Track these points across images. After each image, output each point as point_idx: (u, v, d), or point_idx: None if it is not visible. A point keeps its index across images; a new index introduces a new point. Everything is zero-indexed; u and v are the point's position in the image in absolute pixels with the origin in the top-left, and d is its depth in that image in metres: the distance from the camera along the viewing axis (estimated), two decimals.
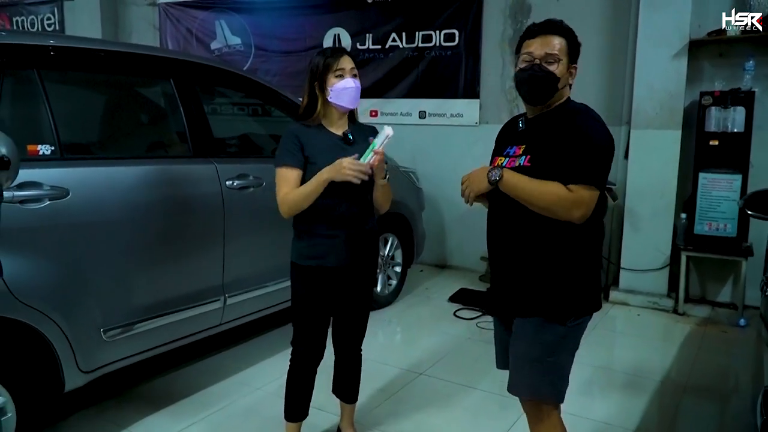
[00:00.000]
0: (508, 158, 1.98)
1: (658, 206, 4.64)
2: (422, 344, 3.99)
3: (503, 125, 2.17)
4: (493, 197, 1.99)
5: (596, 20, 4.92)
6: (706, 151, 4.45)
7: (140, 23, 7.43)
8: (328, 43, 6.17)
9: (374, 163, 2.15)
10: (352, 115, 2.44)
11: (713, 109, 4.37)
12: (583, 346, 2.04)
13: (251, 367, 3.53)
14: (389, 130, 2.15)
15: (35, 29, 7.90)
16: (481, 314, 4.43)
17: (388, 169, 2.30)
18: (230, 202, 3.18)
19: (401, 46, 5.87)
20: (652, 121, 4.60)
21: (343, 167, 2.11)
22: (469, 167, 2.10)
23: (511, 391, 2.03)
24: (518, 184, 1.84)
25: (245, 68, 6.56)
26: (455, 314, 4.52)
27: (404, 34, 5.84)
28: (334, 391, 2.69)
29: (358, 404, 2.75)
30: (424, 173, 5.33)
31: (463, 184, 1.97)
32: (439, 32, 5.68)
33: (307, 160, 2.27)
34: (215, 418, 2.98)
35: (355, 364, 2.64)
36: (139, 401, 3.12)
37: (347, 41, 6.11)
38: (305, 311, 2.40)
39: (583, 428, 2.87)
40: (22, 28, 8.03)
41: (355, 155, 2.16)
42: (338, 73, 2.28)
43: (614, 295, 4.84)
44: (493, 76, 5.49)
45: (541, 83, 1.90)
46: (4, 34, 2.71)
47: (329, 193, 2.22)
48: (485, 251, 2.12)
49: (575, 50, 1.94)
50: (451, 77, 5.69)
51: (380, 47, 5.97)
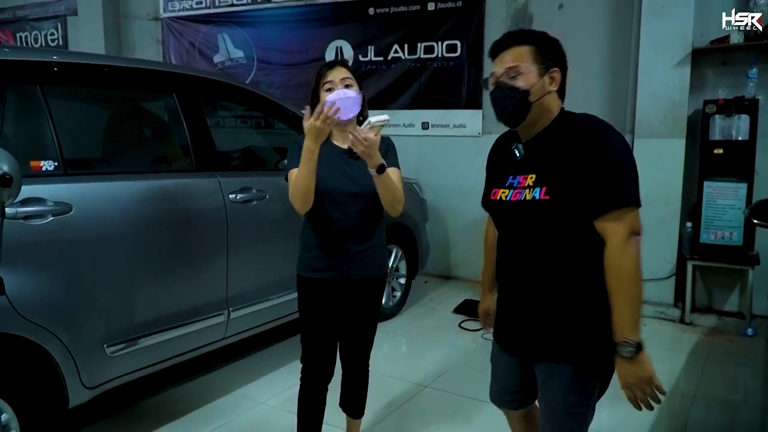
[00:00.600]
0: (513, 190, 1.76)
1: (663, 215, 4.62)
2: (427, 356, 3.96)
3: (492, 148, 1.97)
4: (503, 224, 1.85)
5: (599, 29, 4.90)
6: (710, 159, 4.43)
7: (143, 37, 7.47)
8: (330, 55, 6.19)
9: (354, 136, 2.04)
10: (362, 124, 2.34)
11: (717, 117, 4.37)
12: None
13: (256, 381, 3.51)
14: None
15: (39, 44, 7.96)
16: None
17: (382, 155, 2.15)
18: (233, 215, 3.18)
19: (403, 57, 5.89)
20: (655, 129, 4.59)
21: (315, 126, 2.04)
22: (472, 178, 2.07)
23: None
24: (634, 311, 1.66)
25: (248, 81, 6.59)
26: (460, 325, 4.50)
27: (406, 45, 5.86)
28: (341, 404, 2.65)
29: (363, 418, 2.73)
30: (427, 184, 5.32)
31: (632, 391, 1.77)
32: (441, 43, 5.70)
33: None
34: None
35: (361, 379, 2.59)
36: (143, 417, 3.10)
37: (349, 53, 6.13)
38: (313, 325, 2.36)
39: None
40: (25, 43, 8.08)
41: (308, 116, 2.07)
42: (327, 86, 2.23)
43: None
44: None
45: (507, 102, 1.73)
46: (7, 50, 2.72)
47: (331, 206, 2.21)
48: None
49: (549, 53, 1.73)
50: (453, 88, 5.70)
51: (382, 59, 5.98)
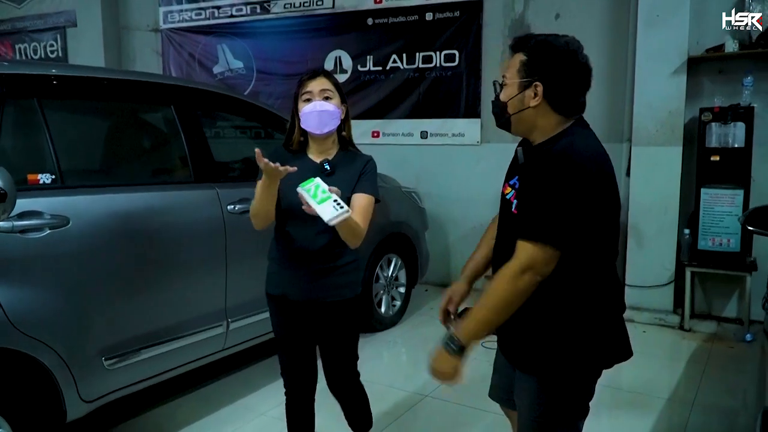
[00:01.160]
0: (513, 190, 1.77)
1: (661, 222, 4.63)
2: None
3: (519, 142, 1.90)
4: (500, 220, 1.86)
5: (595, 39, 4.93)
6: (707, 166, 4.45)
7: (143, 49, 7.50)
8: (329, 65, 6.22)
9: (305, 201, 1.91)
10: (344, 141, 2.28)
11: (713, 125, 4.38)
12: None
13: (256, 391, 3.51)
14: (319, 185, 1.90)
15: (38, 56, 7.99)
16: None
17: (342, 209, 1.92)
18: (232, 226, 3.18)
19: (402, 67, 5.91)
20: (653, 137, 4.60)
21: (265, 165, 1.94)
22: (471, 186, 2.08)
23: None
24: (480, 324, 1.69)
25: (247, 92, 6.62)
26: None
27: (405, 55, 5.88)
28: (347, 422, 2.55)
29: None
30: (427, 193, 5.33)
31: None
32: (439, 53, 5.72)
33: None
34: None
35: (351, 393, 2.46)
36: (141, 430, 3.10)
37: (348, 63, 6.16)
38: (281, 341, 2.35)
39: None
40: (24, 55, 8.11)
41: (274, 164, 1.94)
42: (305, 97, 2.15)
43: None
44: (494, 95, 5.50)
45: (495, 110, 1.76)
46: (5, 64, 2.74)
47: (295, 223, 2.16)
48: (489, 271, 2.04)
49: (537, 65, 1.65)
50: (452, 97, 5.72)
51: (381, 69, 6.01)
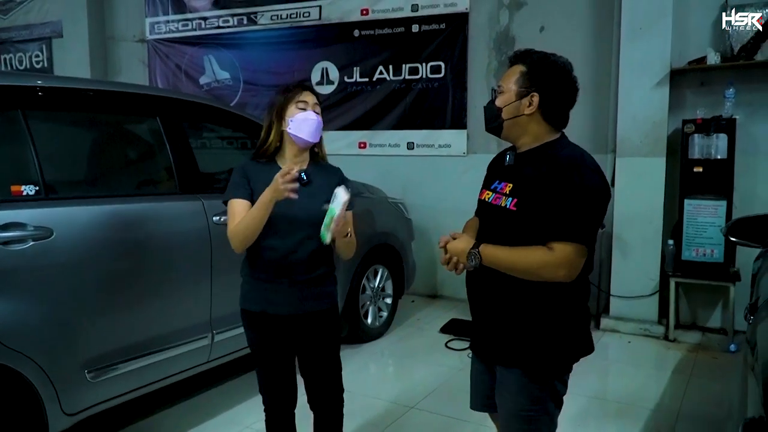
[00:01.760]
0: (494, 194, 1.93)
1: (646, 233, 4.67)
2: (414, 376, 3.96)
3: (495, 155, 2.09)
4: (480, 231, 1.97)
5: (580, 51, 4.99)
6: (690, 177, 4.49)
7: (129, 60, 7.49)
8: (316, 76, 6.24)
9: (335, 230, 1.98)
10: (314, 154, 2.31)
11: (696, 136, 4.43)
12: (575, 375, 2.02)
13: (241, 404, 3.48)
14: (344, 193, 1.98)
15: (24, 67, 7.95)
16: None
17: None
18: (218, 237, 3.16)
19: (388, 78, 5.94)
20: (637, 149, 4.65)
21: (278, 183, 1.96)
22: (458, 197, 2.12)
23: None
24: (499, 260, 1.80)
25: (234, 102, 6.62)
26: (447, 345, 4.50)
27: (391, 66, 5.91)
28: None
29: None
30: (413, 204, 5.34)
31: (446, 254, 1.89)
32: (425, 64, 5.76)
33: (252, 194, 2.14)
34: None
35: (334, 407, 2.40)
36: None
37: (335, 74, 6.18)
38: (260, 358, 2.31)
39: None
40: (10, 66, 8.06)
41: (292, 169, 1.99)
42: (300, 105, 2.18)
43: (605, 322, 4.84)
44: (479, 106, 5.44)
45: (488, 113, 1.95)
46: None
47: (274, 234, 2.13)
48: None
49: (535, 77, 1.84)
50: (438, 108, 5.75)
51: (368, 80, 6.03)
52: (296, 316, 2.23)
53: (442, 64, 5.68)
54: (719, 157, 4.37)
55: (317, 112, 2.21)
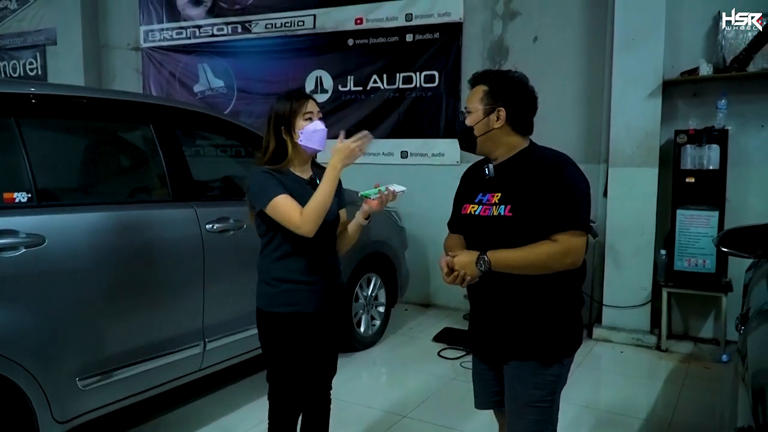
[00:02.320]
0: (482, 206, 2.02)
1: (638, 243, 4.69)
2: (406, 385, 3.95)
3: (464, 174, 2.22)
4: (470, 245, 2.04)
5: (573, 61, 5.01)
6: (682, 188, 4.51)
7: (124, 67, 7.48)
8: (310, 85, 6.25)
9: (377, 202, 2.19)
10: (313, 160, 2.43)
11: (688, 147, 4.46)
12: (568, 384, 2.07)
13: (233, 412, 3.47)
14: (401, 187, 2.23)
15: (17, 74, 7.94)
16: (465, 353, 4.41)
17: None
18: (210, 245, 3.17)
19: (382, 87, 5.96)
20: (629, 159, 4.67)
21: (350, 148, 2.11)
22: (451, 206, 2.15)
23: None
24: (508, 261, 1.88)
25: (228, 110, 6.62)
26: (439, 354, 4.49)
27: (385, 75, 5.93)
28: None
29: None
30: (406, 212, 5.34)
31: (454, 270, 1.92)
32: (419, 74, 5.78)
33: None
34: None
35: (325, 406, 2.52)
36: None
37: (329, 83, 6.19)
38: (284, 362, 2.31)
39: None
40: (3, 73, 8.05)
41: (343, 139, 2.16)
42: (307, 116, 2.27)
43: (598, 332, 4.84)
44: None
45: (461, 134, 2.06)
46: None
47: (315, 241, 2.20)
48: None
49: (499, 93, 1.98)
50: (432, 117, 5.76)
51: (362, 89, 6.05)
52: (323, 313, 2.35)
53: (435, 73, 5.70)
54: (711, 167, 4.40)
55: (321, 118, 2.32)
